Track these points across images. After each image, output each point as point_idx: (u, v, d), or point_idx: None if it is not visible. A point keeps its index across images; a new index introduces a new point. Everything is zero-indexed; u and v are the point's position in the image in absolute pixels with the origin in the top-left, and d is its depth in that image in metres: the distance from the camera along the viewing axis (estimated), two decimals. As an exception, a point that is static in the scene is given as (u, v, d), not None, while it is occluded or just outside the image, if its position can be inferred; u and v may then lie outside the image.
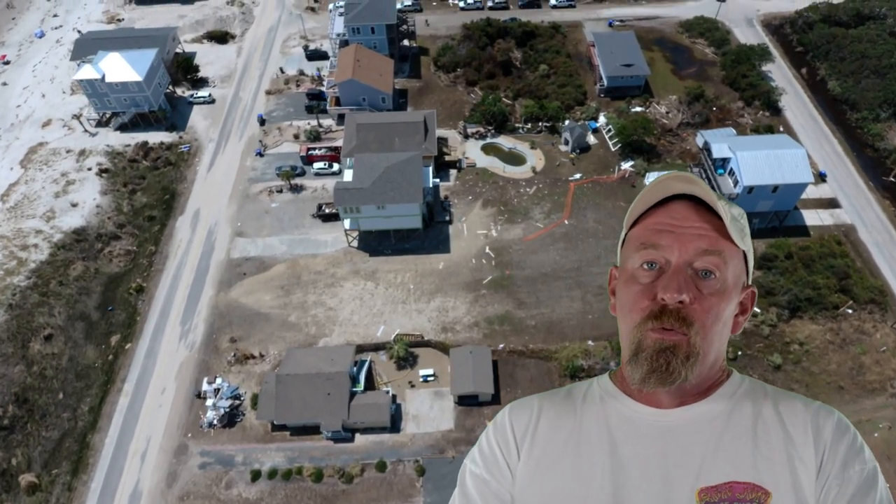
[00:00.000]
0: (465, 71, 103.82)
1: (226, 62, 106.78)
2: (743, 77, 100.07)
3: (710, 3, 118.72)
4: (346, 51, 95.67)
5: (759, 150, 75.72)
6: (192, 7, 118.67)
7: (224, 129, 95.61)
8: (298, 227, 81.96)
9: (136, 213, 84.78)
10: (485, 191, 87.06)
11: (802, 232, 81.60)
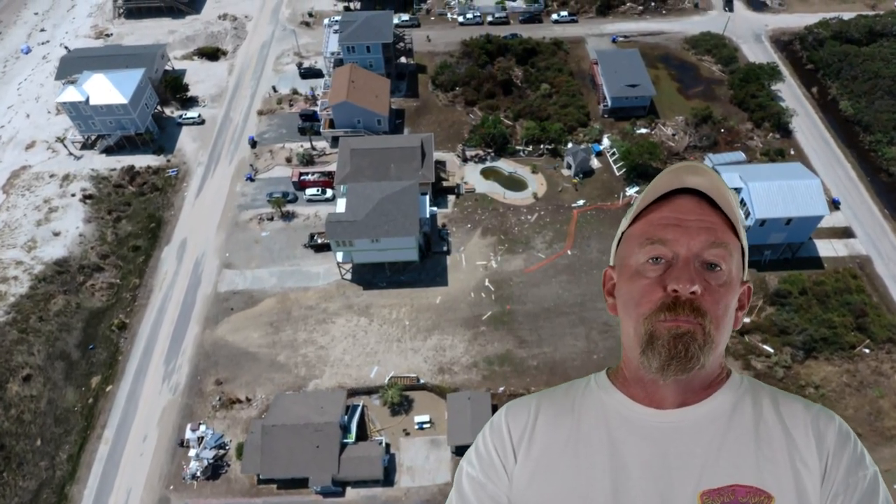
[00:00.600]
0: (464, 90, 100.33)
1: (216, 80, 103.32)
2: (752, 97, 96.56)
3: (716, 18, 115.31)
4: (341, 71, 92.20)
5: (771, 181, 72.23)
6: (183, 22, 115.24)
7: (214, 151, 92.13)
8: (289, 258, 78.48)
9: (121, 242, 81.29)
10: (484, 218, 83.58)
11: (816, 264, 78.11)
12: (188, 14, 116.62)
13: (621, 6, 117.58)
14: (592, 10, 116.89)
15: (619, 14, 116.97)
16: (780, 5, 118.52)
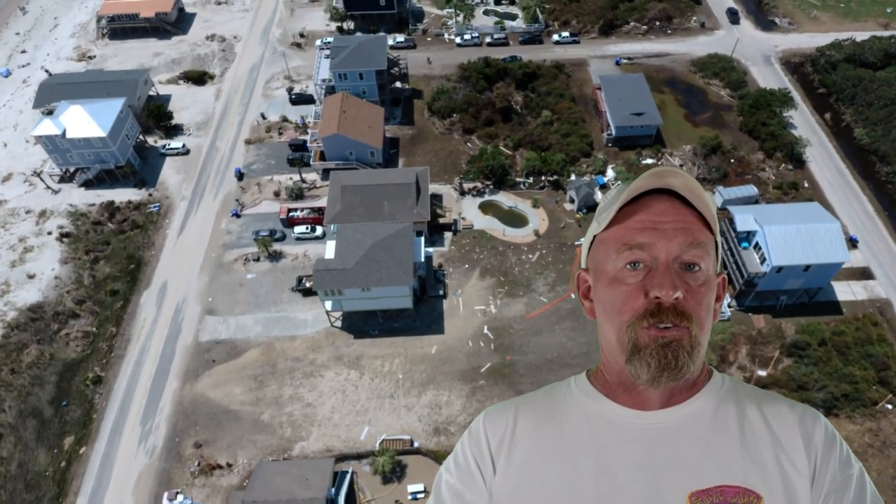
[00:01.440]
0: (462, 117, 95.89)
1: (203, 106, 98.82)
2: (763, 125, 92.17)
3: (723, 39, 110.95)
4: (332, 100, 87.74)
5: (788, 224, 67.84)
6: (169, 43, 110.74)
7: (198, 184, 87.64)
8: (276, 303, 74.01)
9: (98, 286, 76.77)
10: (483, 258, 79.16)
11: (834, 309, 73.73)
12: (175, 35, 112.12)
13: (625, 26, 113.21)
14: (595, 30, 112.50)
15: (622, 34, 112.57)
16: (790, 24, 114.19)
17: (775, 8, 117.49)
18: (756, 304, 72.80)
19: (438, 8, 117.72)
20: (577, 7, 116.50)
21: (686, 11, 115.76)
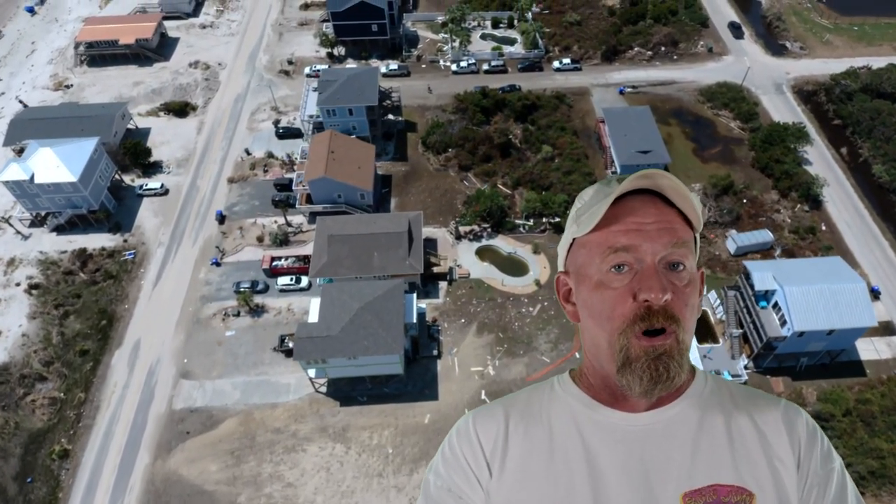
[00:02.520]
0: (458, 152, 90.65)
1: (184, 141, 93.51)
2: (777, 162, 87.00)
3: (732, 65, 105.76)
4: (319, 139, 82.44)
5: (811, 285, 62.60)
6: (150, 71, 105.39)
7: (177, 228, 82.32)
8: (256, 365, 68.74)
9: (67, 344, 71.46)
10: (480, 311, 73.92)
11: (857, 369, 68.62)
12: (157, 61, 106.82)
13: (628, 51, 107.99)
14: (597, 55, 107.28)
15: (626, 60, 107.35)
16: (802, 49, 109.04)
17: (786, 31, 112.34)
18: (774, 366, 67.64)
19: (434, 32, 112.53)
20: (579, 31, 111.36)
21: (693, 35, 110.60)
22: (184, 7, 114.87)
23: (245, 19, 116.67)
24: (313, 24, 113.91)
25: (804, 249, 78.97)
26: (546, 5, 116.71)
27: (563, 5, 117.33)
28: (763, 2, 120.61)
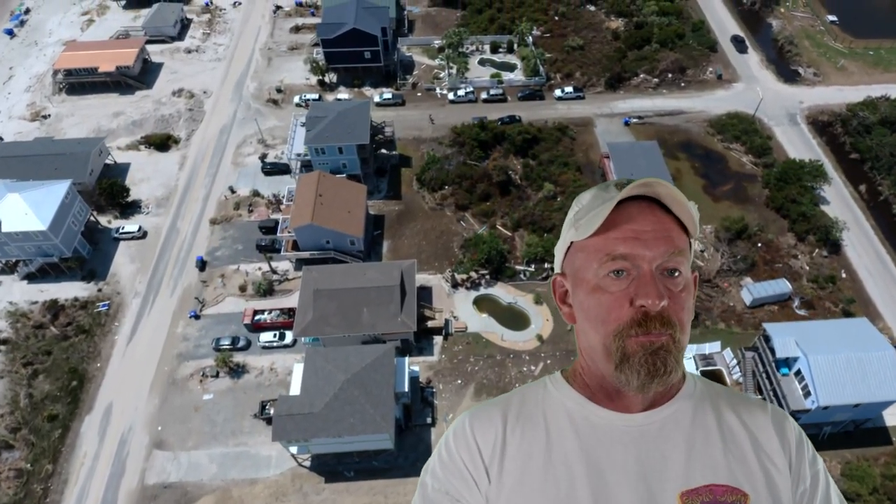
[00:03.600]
0: (455, 190, 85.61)
1: (165, 178, 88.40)
2: (792, 202, 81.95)
3: (743, 93, 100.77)
4: (307, 180, 77.36)
5: (836, 353, 57.56)
6: (131, 100, 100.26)
7: (154, 276, 77.21)
8: (235, 434, 63.60)
9: (35, 408, 66.34)
10: (478, 370, 68.83)
11: (882, 437, 63.61)
12: (138, 89, 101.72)
13: (634, 78, 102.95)
14: (601, 83, 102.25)
15: (631, 88, 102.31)
16: (816, 76, 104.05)
17: (798, 56, 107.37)
18: (795, 435, 62.48)
19: (430, 57, 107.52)
20: (582, 56, 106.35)
21: (701, 61, 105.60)
22: (168, 31, 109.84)
23: (233, 43, 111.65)
24: (304, 49, 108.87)
25: (824, 300, 73.99)
26: (547, 29, 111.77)
27: (565, 28, 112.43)
28: (773, 24, 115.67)
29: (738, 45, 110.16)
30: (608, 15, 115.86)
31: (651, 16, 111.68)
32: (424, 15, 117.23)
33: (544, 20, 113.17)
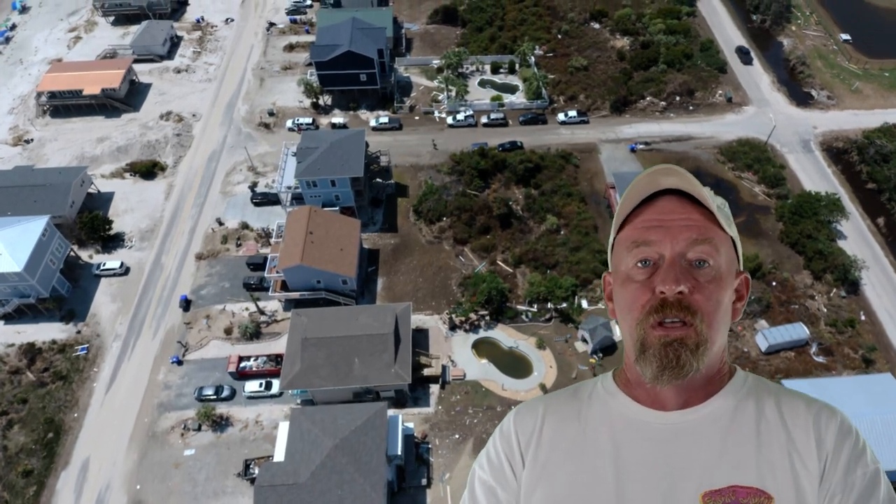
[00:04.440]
0: (453, 223, 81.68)
1: (150, 208, 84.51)
2: (808, 238, 77.93)
3: (754, 118, 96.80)
4: (297, 216, 73.46)
5: (860, 415, 53.63)
6: (117, 123, 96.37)
7: (136, 317, 73.33)
8: (217, 495, 59.62)
9: (10, 462, 62.49)
10: (477, 422, 64.85)
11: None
12: (125, 112, 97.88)
13: (640, 101, 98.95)
14: (606, 106, 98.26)
15: (637, 112, 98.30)
16: (829, 99, 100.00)
17: (811, 77, 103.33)
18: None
19: (428, 78, 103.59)
20: (586, 77, 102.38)
21: (710, 83, 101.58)
22: (157, 49, 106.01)
23: (224, 62, 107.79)
24: (298, 69, 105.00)
25: (843, 346, 69.96)
26: (550, 48, 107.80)
27: (569, 48, 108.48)
28: (784, 42, 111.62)
29: (744, 57, 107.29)
30: (613, 33, 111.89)
31: (658, 34, 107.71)
32: (423, 33, 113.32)
33: (547, 39, 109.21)
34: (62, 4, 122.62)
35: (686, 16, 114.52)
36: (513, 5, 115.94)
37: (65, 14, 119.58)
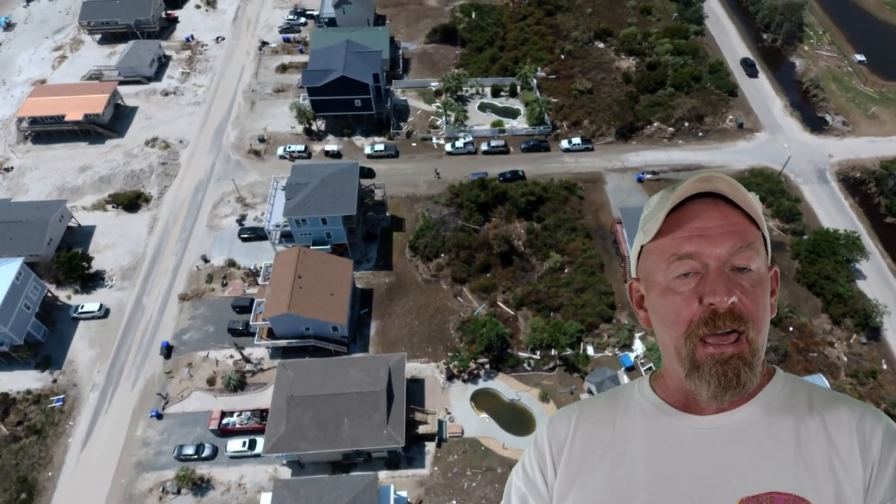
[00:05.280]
0: (452, 260, 77.54)
1: (132, 244, 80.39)
2: (826, 279, 73.72)
3: (766, 145, 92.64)
4: (285, 258, 69.29)
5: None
6: (101, 151, 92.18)
7: (115, 365, 69.24)
8: (198, 568, 55.61)
9: (-27, 527, 58.56)
10: (476, 486, 60.67)
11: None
12: (109, 138, 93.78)
13: (647, 127, 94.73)
14: (611, 132, 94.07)
15: (644, 138, 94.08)
16: (845, 125, 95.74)
17: (825, 101, 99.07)
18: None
19: (426, 102, 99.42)
20: (590, 101, 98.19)
21: (720, 107, 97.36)
22: (144, 71, 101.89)
23: (214, 84, 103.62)
24: (290, 91, 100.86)
25: (865, 398, 65.62)
26: (552, 69, 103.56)
27: (572, 69, 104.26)
28: (797, 63, 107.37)
29: (749, 70, 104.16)
30: (618, 53, 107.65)
31: (665, 55, 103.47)
32: (421, 53, 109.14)
33: (549, 59, 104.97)
34: (48, 21, 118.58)
35: (694, 34, 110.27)
36: (514, 24, 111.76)
37: (51, 31, 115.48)
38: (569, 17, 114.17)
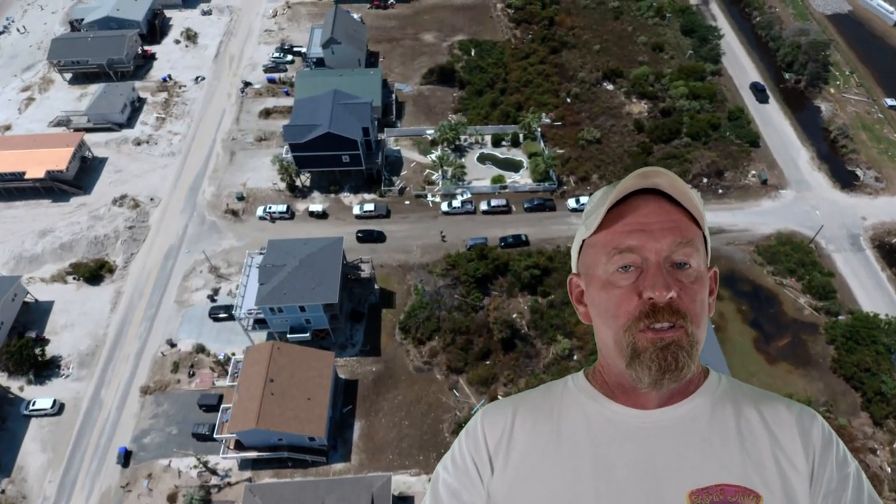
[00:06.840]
0: (446, 345, 69.58)
1: (92, 323, 72.55)
2: (866, 371, 65.66)
3: (792, 204, 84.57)
4: (255, 356, 61.30)
5: None
6: (64, 211, 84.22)
7: (68, 473, 61.39)
8: None
9: None
10: None
11: None
12: (74, 195, 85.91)
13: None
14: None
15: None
16: (877, 181, 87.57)
17: (854, 153, 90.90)
18: None
19: (421, 152, 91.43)
20: (599, 153, 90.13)
21: (741, 161, 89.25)
22: (115, 117, 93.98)
23: (191, 131, 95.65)
24: (274, 139, 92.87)
25: (917, 522, 57.61)
26: (558, 115, 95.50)
27: (579, 114, 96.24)
28: (822, 108, 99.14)
29: (759, 95, 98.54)
30: (629, 96, 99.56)
31: (680, 99, 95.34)
32: (416, 95, 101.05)
33: (554, 104, 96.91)
34: (18, 56, 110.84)
35: (711, 75, 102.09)
36: (516, 63, 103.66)
37: (19, 69, 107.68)
38: (575, 55, 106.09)
